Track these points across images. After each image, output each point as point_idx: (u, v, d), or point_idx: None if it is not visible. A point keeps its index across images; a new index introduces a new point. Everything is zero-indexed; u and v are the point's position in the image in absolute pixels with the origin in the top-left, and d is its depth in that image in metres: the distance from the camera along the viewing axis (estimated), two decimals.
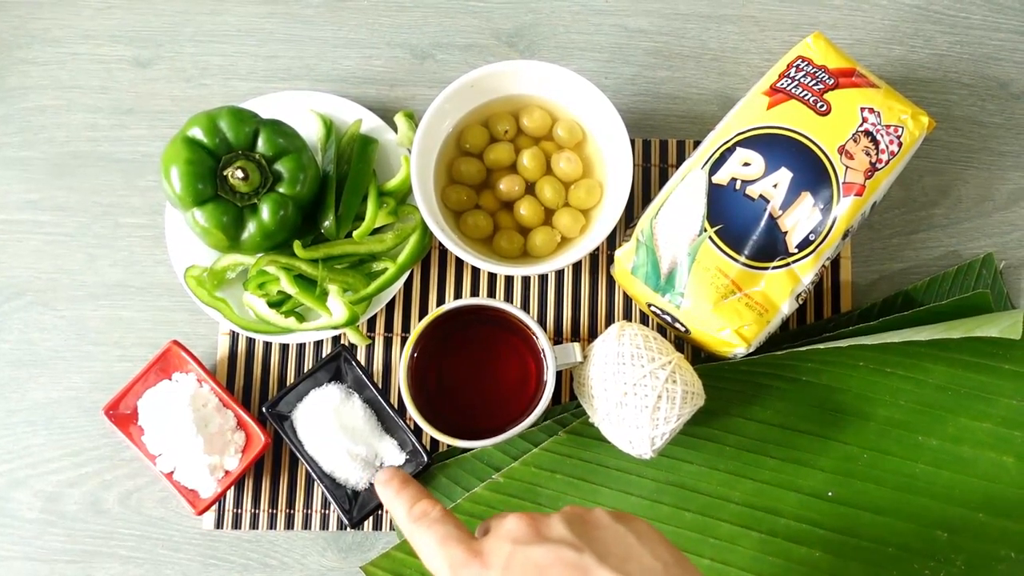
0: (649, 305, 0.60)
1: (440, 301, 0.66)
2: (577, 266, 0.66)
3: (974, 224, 0.67)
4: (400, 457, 0.61)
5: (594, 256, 0.66)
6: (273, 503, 0.63)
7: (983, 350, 0.60)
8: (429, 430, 0.57)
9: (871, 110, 0.58)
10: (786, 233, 0.57)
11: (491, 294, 0.66)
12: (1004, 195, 0.67)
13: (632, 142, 0.66)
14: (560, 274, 0.66)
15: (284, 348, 0.65)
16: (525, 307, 0.66)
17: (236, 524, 0.63)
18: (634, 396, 0.55)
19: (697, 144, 0.62)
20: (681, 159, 0.67)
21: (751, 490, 0.60)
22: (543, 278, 0.66)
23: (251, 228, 0.59)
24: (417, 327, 0.58)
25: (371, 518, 0.63)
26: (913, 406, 0.60)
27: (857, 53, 0.69)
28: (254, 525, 0.63)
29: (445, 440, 0.57)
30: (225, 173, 0.58)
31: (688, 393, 0.56)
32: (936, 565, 0.58)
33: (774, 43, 0.69)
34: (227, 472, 0.60)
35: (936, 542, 0.58)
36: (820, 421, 0.61)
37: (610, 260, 0.62)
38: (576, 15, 0.70)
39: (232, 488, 0.64)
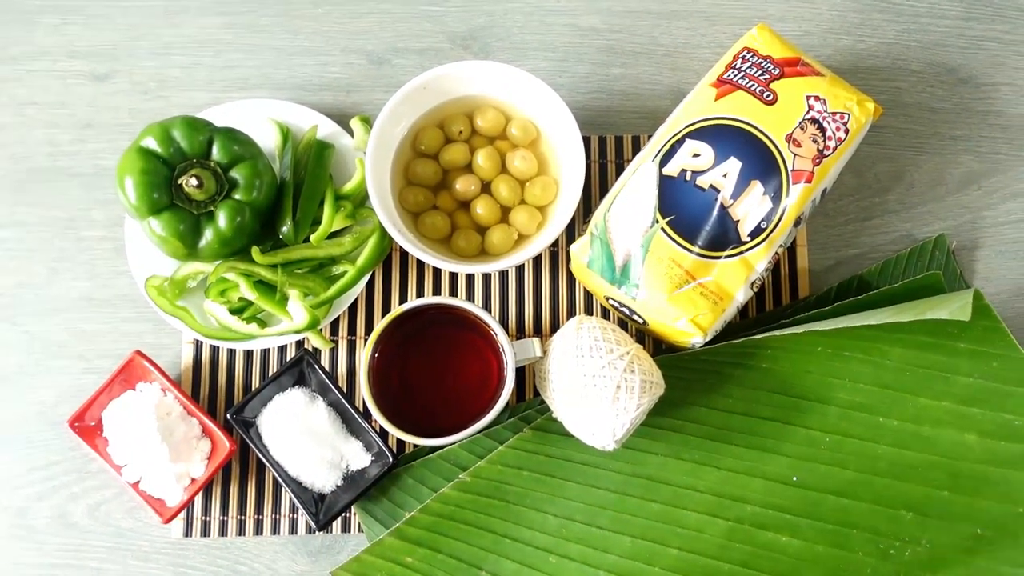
0: (607, 298, 0.61)
1: (402, 303, 0.66)
2: (537, 262, 0.67)
3: (928, 208, 0.68)
4: (366, 459, 0.61)
5: (553, 252, 0.67)
6: (241, 509, 0.64)
7: (938, 330, 0.61)
8: (392, 430, 0.57)
9: (817, 98, 0.59)
10: (738, 222, 0.58)
11: (453, 293, 0.66)
12: (956, 179, 0.68)
13: (588, 139, 0.67)
14: (520, 271, 0.67)
15: (248, 355, 0.66)
16: (487, 305, 0.66)
17: (205, 532, 0.63)
18: (594, 388, 0.56)
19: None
20: (636, 154, 0.68)
21: (717, 479, 0.60)
22: (503, 275, 0.67)
23: (208, 236, 0.59)
24: (377, 327, 0.58)
25: (339, 520, 0.63)
26: (872, 388, 0.61)
27: (806, 44, 0.70)
28: (223, 532, 0.63)
29: (409, 439, 0.57)
30: (180, 181, 0.58)
31: (647, 383, 0.56)
32: (902, 544, 0.58)
33: (724, 37, 0.70)
34: (193, 480, 0.60)
35: (901, 522, 0.58)
36: (782, 407, 0.61)
37: (569, 256, 0.63)
38: (529, 16, 0.71)
39: (200, 496, 0.64)
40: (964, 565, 0.57)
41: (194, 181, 0.58)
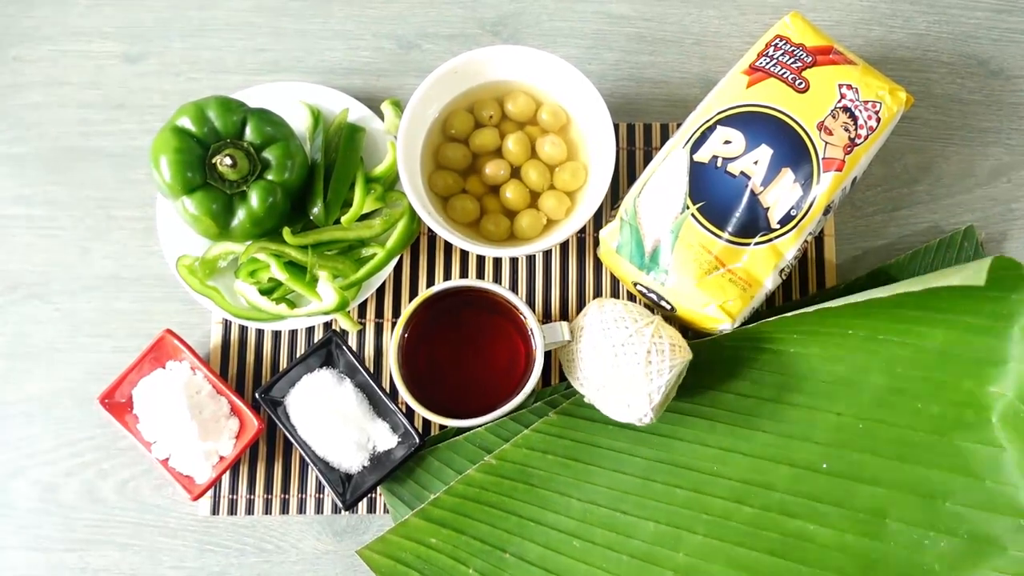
0: (635, 284, 0.61)
1: (430, 285, 0.66)
2: (564, 248, 0.67)
3: (956, 200, 0.68)
4: (392, 440, 0.62)
5: (581, 238, 0.67)
6: (268, 488, 0.64)
7: (985, 311, 0.57)
8: (419, 409, 0.58)
9: (849, 86, 0.59)
10: (768, 209, 0.58)
11: (480, 278, 0.67)
12: (985, 171, 0.68)
13: (616, 126, 0.67)
14: (548, 256, 0.67)
15: (276, 335, 0.66)
16: (513, 290, 0.66)
17: (232, 510, 0.64)
18: (624, 356, 0.56)
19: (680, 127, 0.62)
20: (665, 142, 0.68)
21: (744, 465, 0.60)
22: (531, 260, 0.67)
23: (240, 215, 0.59)
24: (408, 307, 0.59)
25: (365, 500, 0.63)
26: (910, 373, 0.58)
27: (837, 34, 0.70)
28: (250, 510, 0.64)
29: (436, 419, 0.58)
30: (214, 161, 0.59)
31: (675, 346, 0.57)
32: (936, 535, 0.56)
33: (754, 26, 0.70)
34: (222, 458, 0.61)
35: (938, 513, 0.57)
36: (811, 392, 0.60)
37: (596, 242, 0.63)
38: (559, 2, 0.71)
39: (227, 474, 0.64)
40: (1004, 558, 0.56)
41: (228, 160, 0.58)
